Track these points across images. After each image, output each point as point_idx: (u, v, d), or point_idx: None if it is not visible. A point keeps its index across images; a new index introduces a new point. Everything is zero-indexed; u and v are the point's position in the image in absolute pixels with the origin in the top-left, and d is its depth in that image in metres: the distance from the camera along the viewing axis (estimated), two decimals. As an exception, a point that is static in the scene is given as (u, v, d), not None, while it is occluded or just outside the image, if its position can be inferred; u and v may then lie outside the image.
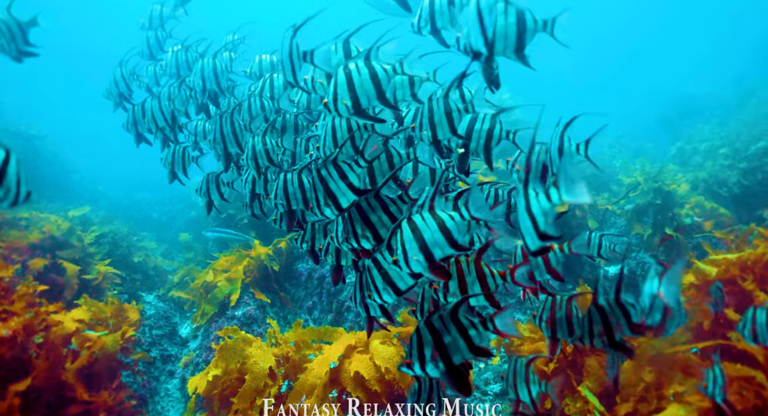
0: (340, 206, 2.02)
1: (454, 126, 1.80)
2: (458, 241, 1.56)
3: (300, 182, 2.32)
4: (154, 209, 11.45)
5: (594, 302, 1.68)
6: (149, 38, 3.46)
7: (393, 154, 2.02)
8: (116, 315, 4.49)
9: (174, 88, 2.92)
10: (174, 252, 9.51)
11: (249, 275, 5.81)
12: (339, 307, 5.74)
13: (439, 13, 1.95)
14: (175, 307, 6.47)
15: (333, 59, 2.14)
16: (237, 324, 5.26)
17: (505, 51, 1.45)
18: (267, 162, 2.51)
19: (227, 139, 2.61)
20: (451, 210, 1.60)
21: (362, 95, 1.97)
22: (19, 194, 1.31)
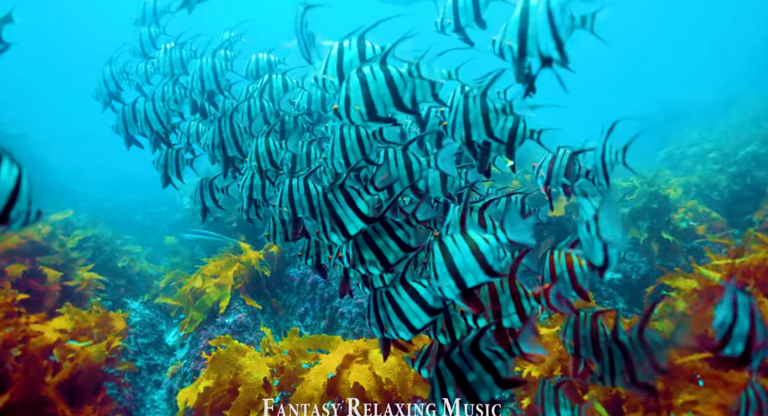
0: (347, 232, 1.92)
1: (491, 127, 1.70)
2: (493, 267, 1.45)
3: (306, 189, 2.20)
4: (138, 211, 11.16)
5: (615, 338, 1.57)
6: (142, 35, 3.29)
7: (412, 161, 1.91)
8: (101, 324, 4.29)
9: (168, 87, 2.76)
10: (159, 256, 9.26)
11: (239, 280, 5.64)
12: (332, 313, 5.60)
13: (463, 10, 1.85)
14: (161, 314, 6.26)
15: (346, 56, 2.02)
16: (227, 331, 5.08)
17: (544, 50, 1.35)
18: (269, 165, 2.38)
19: (227, 143, 2.47)
20: (485, 232, 1.48)
21: (378, 101, 1.85)
22: (29, 213, 1.25)
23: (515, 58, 1.37)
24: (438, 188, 2.05)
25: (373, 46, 2.05)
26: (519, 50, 1.34)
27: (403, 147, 1.92)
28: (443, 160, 1.84)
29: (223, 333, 5.06)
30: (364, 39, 2.08)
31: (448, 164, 1.82)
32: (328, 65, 2.16)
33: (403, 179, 1.90)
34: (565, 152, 2.00)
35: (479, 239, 1.47)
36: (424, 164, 1.90)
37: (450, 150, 1.85)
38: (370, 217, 1.90)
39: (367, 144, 2.15)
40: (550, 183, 1.98)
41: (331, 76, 2.17)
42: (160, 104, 2.91)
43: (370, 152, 2.16)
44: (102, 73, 3.23)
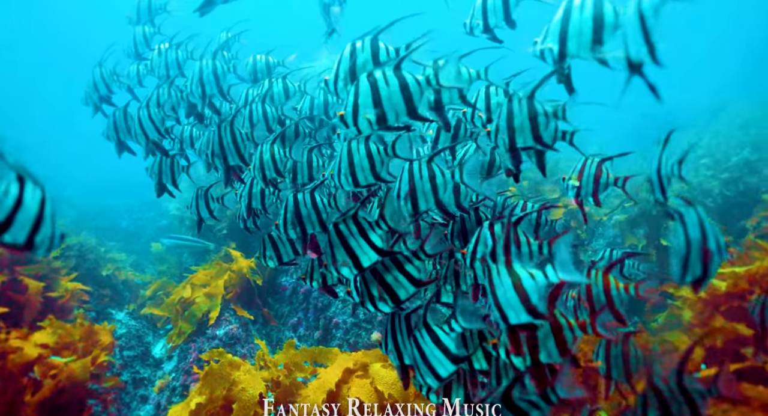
0: (360, 265, 1.81)
1: (539, 133, 1.59)
2: (537, 308, 1.34)
3: (314, 202, 2.07)
4: (124, 217, 10.87)
5: (650, 383, 1.46)
6: (136, 35, 3.12)
7: (436, 174, 1.79)
8: (86, 338, 4.09)
9: (163, 90, 2.60)
10: (144, 264, 9.01)
11: (230, 290, 5.46)
12: (326, 324, 5.45)
13: (492, 11, 1.75)
14: (148, 325, 6.03)
15: (359, 58, 1.90)
16: (218, 344, 4.90)
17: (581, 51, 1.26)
18: (274, 173, 2.24)
19: (227, 150, 2.32)
20: (530, 261, 1.37)
21: (389, 110, 1.72)
22: (54, 237, 1.20)
23: (555, 60, 1.28)
24: (431, 199, 1.89)
25: (388, 47, 1.93)
26: (560, 52, 1.24)
27: (428, 159, 1.80)
28: (469, 173, 1.72)
29: (214, 345, 4.87)
30: (378, 40, 1.96)
31: (474, 178, 1.71)
32: (340, 68, 2.04)
33: (427, 193, 1.77)
34: (593, 161, 1.91)
35: (524, 273, 1.35)
36: (448, 177, 1.78)
37: (476, 162, 1.73)
38: (384, 250, 1.79)
39: (377, 160, 2.03)
40: (580, 194, 1.88)
41: (343, 79, 2.04)
42: (155, 109, 2.75)
43: (380, 169, 2.04)
44: (92, 75, 3.05)
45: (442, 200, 1.74)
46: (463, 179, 1.71)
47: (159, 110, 2.69)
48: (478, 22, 1.80)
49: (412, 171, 1.79)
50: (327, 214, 2.12)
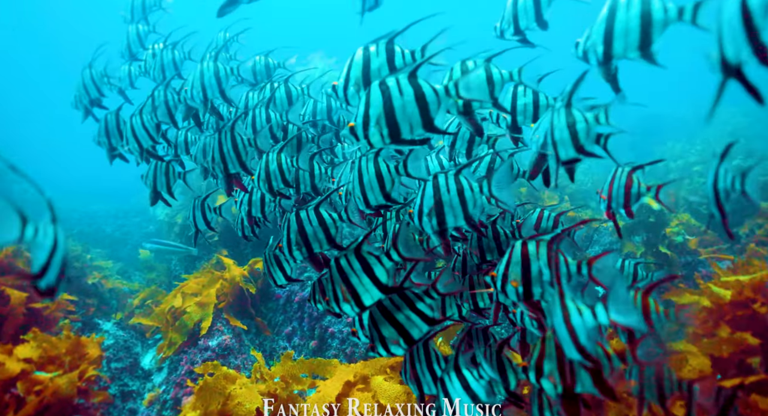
0: (362, 304, 1.72)
1: (580, 143, 1.51)
2: (586, 347, 1.24)
3: (320, 219, 1.96)
4: (108, 222, 10.60)
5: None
6: (129, 33, 2.98)
7: (464, 186, 1.68)
8: (72, 351, 3.91)
9: (159, 92, 2.47)
10: (131, 271, 8.78)
11: (222, 299, 5.31)
12: (322, 333, 5.32)
13: (523, 11, 1.67)
14: (136, 335, 5.84)
15: (373, 64, 1.80)
16: (211, 355, 4.74)
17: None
18: (281, 184, 2.13)
19: (228, 157, 2.21)
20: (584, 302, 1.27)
21: (403, 122, 1.60)
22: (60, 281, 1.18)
23: (600, 61, 1.20)
24: (459, 215, 1.77)
25: (403, 51, 1.84)
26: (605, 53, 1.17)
27: (456, 171, 1.70)
28: (499, 186, 1.62)
29: (207, 356, 4.72)
30: (394, 43, 1.86)
31: (505, 192, 1.61)
32: (351, 74, 1.93)
33: (456, 208, 1.66)
34: (623, 170, 1.84)
35: (574, 309, 1.26)
36: (478, 190, 1.68)
37: (505, 173, 1.63)
38: (389, 287, 1.69)
39: (387, 180, 1.95)
40: (611, 207, 1.81)
41: (355, 86, 1.93)
42: (149, 116, 2.61)
43: (390, 188, 1.96)
44: (81, 77, 2.90)
45: (473, 215, 1.63)
46: (492, 191, 1.61)
47: (152, 117, 2.55)
48: (509, 24, 1.72)
49: (437, 185, 1.68)
50: (336, 229, 2.00)
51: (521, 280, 1.49)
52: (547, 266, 1.46)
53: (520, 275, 1.49)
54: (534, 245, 1.51)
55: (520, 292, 1.50)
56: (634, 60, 1.25)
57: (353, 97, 1.96)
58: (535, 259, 1.49)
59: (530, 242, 1.52)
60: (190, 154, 2.87)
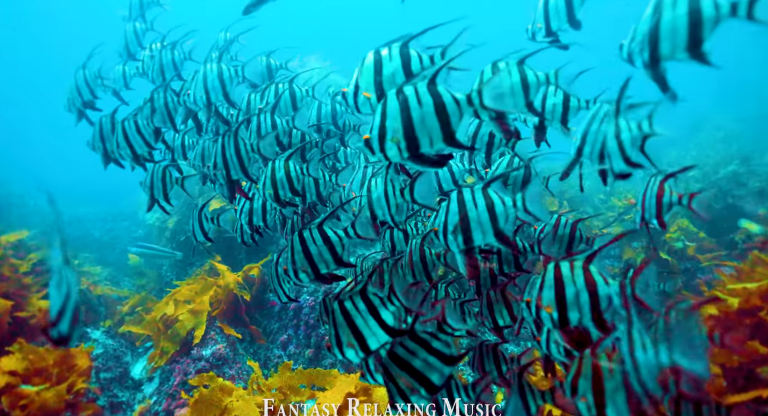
0: (367, 347, 1.63)
1: (627, 154, 1.43)
2: (647, 384, 1.16)
3: (325, 238, 1.86)
4: (96, 226, 10.36)
5: None
6: (127, 32, 2.85)
7: (494, 201, 1.55)
8: (61, 363, 3.75)
9: (159, 95, 2.34)
10: (120, 276, 8.57)
11: (216, 306, 5.17)
12: (318, 341, 5.20)
13: (555, 12, 1.58)
14: (126, 343, 5.67)
15: (386, 69, 1.70)
16: (205, 365, 4.60)
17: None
18: (290, 193, 2.03)
19: (231, 163, 2.09)
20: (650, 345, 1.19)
21: (422, 134, 1.48)
22: None
23: (646, 63, 1.12)
24: (488, 231, 1.61)
25: (420, 55, 1.75)
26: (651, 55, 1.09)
27: (484, 184, 1.58)
28: (532, 199, 1.52)
29: (201, 366, 4.58)
30: (409, 47, 1.76)
31: (537, 204, 1.51)
32: (361, 79, 1.82)
33: (484, 224, 1.54)
34: (655, 179, 1.77)
35: (639, 343, 1.17)
36: (509, 205, 1.57)
37: (538, 186, 1.53)
38: (396, 330, 1.61)
39: (392, 203, 1.89)
40: (645, 217, 1.73)
41: (366, 92, 1.83)
42: (146, 121, 2.48)
43: (395, 212, 1.90)
44: (74, 79, 2.76)
45: (503, 231, 1.52)
46: (526, 205, 1.51)
47: (149, 121, 2.41)
48: (540, 26, 1.64)
49: (462, 200, 1.57)
50: (343, 247, 1.89)
51: (556, 306, 1.40)
52: (585, 289, 1.37)
53: (554, 300, 1.40)
54: (568, 266, 1.42)
55: (555, 318, 1.41)
56: (682, 61, 1.17)
57: (364, 104, 1.86)
58: (571, 282, 1.40)
59: (563, 264, 1.43)
60: (187, 158, 2.75)
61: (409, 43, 1.78)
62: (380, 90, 1.83)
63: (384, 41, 1.83)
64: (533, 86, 1.54)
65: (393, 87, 1.81)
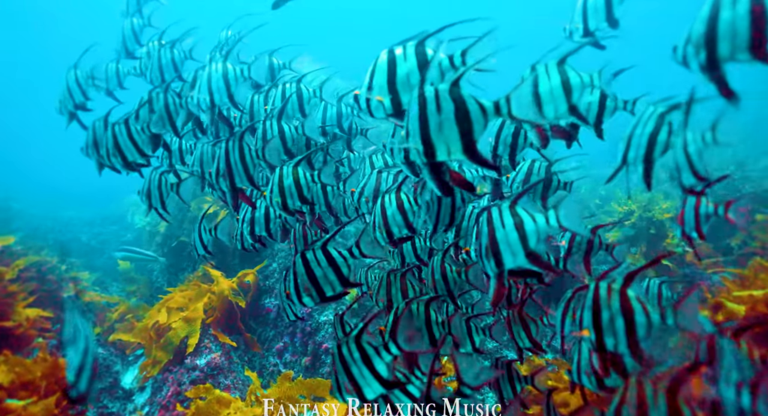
0: (364, 397, 1.61)
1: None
2: None
3: (329, 259, 1.77)
4: (84, 231, 10.12)
5: None
6: (124, 28, 2.71)
7: (524, 219, 1.42)
8: (49, 375, 3.60)
9: (159, 96, 2.22)
10: (108, 281, 8.36)
11: (210, 313, 5.03)
12: (315, 349, 5.09)
13: (593, 11, 1.51)
14: (116, 351, 5.50)
15: (400, 69, 1.62)
16: (199, 375, 4.47)
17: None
18: (299, 202, 1.93)
19: (235, 170, 1.98)
20: None
21: (439, 143, 1.38)
22: None
23: (703, 66, 1.05)
24: (519, 252, 1.44)
25: (438, 55, 1.66)
26: (708, 57, 1.02)
27: (512, 202, 1.45)
28: (568, 214, 1.42)
29: (195, 376, 4.44)
30: (425, 46, 1.68)
31: (574, 220, 1.41)
32: (375, 80, 1.74)
33: (513, 245, 1.40)
34: None
35: None
36: (541, 223, 1.42)
37: (576, 201, 1.42)
38: (391, 381, 1.58)
39: (409, 213, 1.87)
40: (686, 232, 1.67)
41: (379, 95, 1.75)
42: (139, 127, 2.35)
43: (413, 219, 1.87)
44: (65, 80, 2.62)
45: (535, 252, 1.42)
46: (561, 221, 1.40)
47: (144, 129, 2.26)
48: (578, 26, 1.57)
49: (491, 219, 1.45)
50: (349, 268, 1.81)
51: (593, 329, 1.32)
52: (621, 314, 1.29)
53: (591, 323, 1.32)
54: (606, 289, 1.33)
55: (592, 340, 1.33)
56: (743, 62, 1.10)
57: (377, 108, 1.77)
58: (607, 306, 1.32)
59: (601, 285, 1.35)
60: (186, 163, 2.64)
61: (425, 41, 1.69)
62: (394, 93, 1.75)
63: (382, 41, 1.76)
64: (576, 88, 1.47)
65: (407, 89, 1.74)
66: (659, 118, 1.44)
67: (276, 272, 5.88)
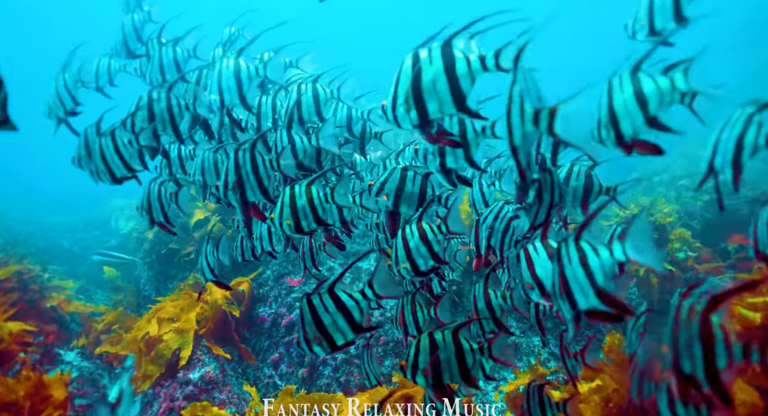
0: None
1: None
2: None
3: (339, 304, 1.63)
4: (66, 236, 9.78)
5: None
6: (124, 25, 2.51)
7: (587, 253, 1.25)
8: (33, 394, 3.38)
9: (160, 97, 2.02)
10: (92, 289, 8.08)
11: (204, 324, 4.83)
12: (312, 360, 4.92)
13: (660, 9, 1.39)
14: (103, 364, 5.26)
15: (426, 75, 1.50)
16: (193, 389, 4.27)
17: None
18: (314, 224, 1.78)
19: (247, 183, 1.81)
20: None
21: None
22: None
23: None
24: (589, 293, 1.26)
25: (467, 57, 1.53)
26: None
27: (575, 236, 1.28)
28: (638, 245, 1.23)
29: (189, 391, 4.24)
30: (452, 46, 1.55)
31: (646, 252, 1.22)
32: (399, 88, 1.60)
33: (581, 281, 1.23)
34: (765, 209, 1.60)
35: None
36: (605, 256, 1.21)
37: (644, 224, 1.25)
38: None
39: (434, 242, 1.80)
40: (759, 250, 1.56)
41: (404, 105, 1.61)
42: (126, 140, 2.15)
43: (438, 249, 1.81)
44: (54, 85, 2.41)
45: (605, 289, 1.27)
46: (629, 253, 1.24)
47: (131, 141, 2.05)
48: (642, 24, 1.46)
49: (560, 256, 1.28)
50: (361, 313, 1.66)
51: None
52: (699, 339, 1.17)
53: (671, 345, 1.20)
54: (687, 310, 1.19)
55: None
56: None
57: (403, 119, 1.64)
58: (686, 328, 1.19)
59: (684, 304, 1.21)
60: (187, 172, 2.47)
61: (452, 40, 1.56)
62: (420, 102, 1.61)
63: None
64: (653, 97, 1.35)
65: (433, 97, 1.61)
66: (747, 119, 1.34)
67: (270, 279, 5.70)
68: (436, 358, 1.64)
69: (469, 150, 1.64)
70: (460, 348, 1.63)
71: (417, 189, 1.93)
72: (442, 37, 1.59)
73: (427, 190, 1.90)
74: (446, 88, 1.57)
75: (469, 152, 1.64)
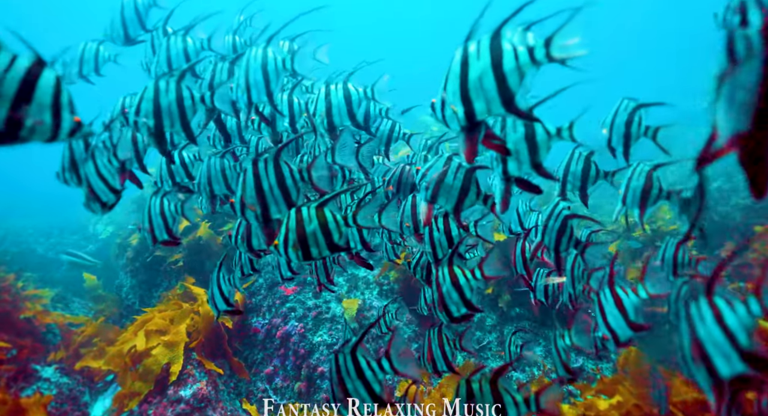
0: None
1: None
2: None
3: (357, 365, 1.55)
4: (39, 241, 9.29)
5: None
6: (124, 6, 2.20)
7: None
8: (11, 420, 3.10)
9: (166, 85, 1.75)
10: (69, 297, 7.66)
11: (195, 336, 4.57)
12: (310, 373, 4.70)
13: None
14: (83, 380, 4.93)
15: (472, 71, 1.35)
16: (185, 408, 4.01)
17: None
18: (327, 251, 1.60)
19: (270, 198, 1.59)
20: None
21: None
22: None
23: None
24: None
25: (515, 48, 1.37)
26: None
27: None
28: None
29: (180, 410, 3.98)
30: (500, 38, 1.39)
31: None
32: (449, 85, 1.46)
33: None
34: None
35: None
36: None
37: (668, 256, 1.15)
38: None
39: (467, 289, 1.73)
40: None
41: (453, 104, 1.46)
42: (106, 160, 1.89)
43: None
44: None
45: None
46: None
47: (111, 159, 1.79)
48: (734, 12, 1.32)
49: (690, 317, 1.14)
50: (380, 384, 1.57)
51: None
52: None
53: None
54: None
55: None
56: None
57: (452, 119, 1.49)
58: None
59: None
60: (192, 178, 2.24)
61: (501, 31, 1.40)
62: (467, 101, 1.46)
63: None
64: None
65: (480, 96, 1.46)
66: None
67: (263, 288, 5.46)
68: None
69: (537, 155, 1.47)
70: (500, 399, 1.55)
71: (459, 183, 1.76)
72: (489, 27, 1.44)
73: (471, 187, 1.73)
74: (493, 85, 1.42)
75: (536, 158, 1.47)
